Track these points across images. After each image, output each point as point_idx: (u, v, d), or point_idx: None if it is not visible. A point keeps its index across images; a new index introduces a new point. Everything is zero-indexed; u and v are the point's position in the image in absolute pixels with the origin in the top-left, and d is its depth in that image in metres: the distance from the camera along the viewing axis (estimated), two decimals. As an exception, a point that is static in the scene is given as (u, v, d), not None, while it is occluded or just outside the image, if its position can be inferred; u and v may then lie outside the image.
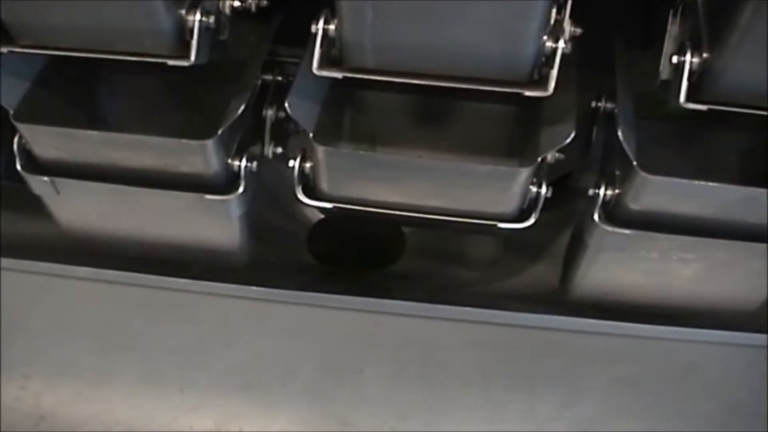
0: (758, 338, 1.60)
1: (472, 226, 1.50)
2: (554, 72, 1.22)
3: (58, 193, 1.56)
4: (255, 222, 1.64)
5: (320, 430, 1.65)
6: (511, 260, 1.89)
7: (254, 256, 1.82)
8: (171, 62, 1.31)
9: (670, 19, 1.32)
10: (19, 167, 1.55)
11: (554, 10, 1.21)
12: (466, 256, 1.91)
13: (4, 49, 1.35)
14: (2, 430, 1.65)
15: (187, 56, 1.30)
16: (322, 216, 1.98)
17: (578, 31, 1.24)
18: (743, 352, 1.62)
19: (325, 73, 1.30)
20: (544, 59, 1.24)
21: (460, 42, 1.21)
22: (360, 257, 1.96)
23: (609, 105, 1.47)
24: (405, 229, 1.98)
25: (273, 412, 1.66)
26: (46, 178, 1.53)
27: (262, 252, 2.01)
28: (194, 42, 1.29)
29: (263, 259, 1.98)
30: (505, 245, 1.91)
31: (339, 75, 1.30)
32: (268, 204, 1.76)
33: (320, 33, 1.26)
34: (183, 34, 1.30)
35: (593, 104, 1.50)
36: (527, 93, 1.25)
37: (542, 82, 1.25)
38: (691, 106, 1.22)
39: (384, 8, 1.18)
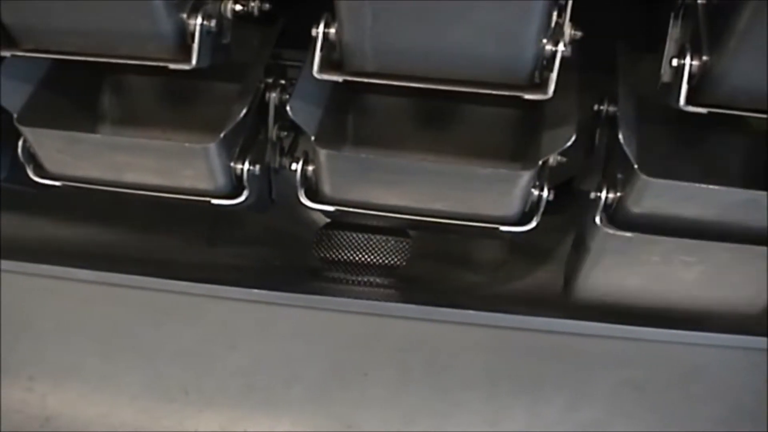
0: (762, 341, 1.59)
1: (474, 229, 1.50)
2: (554, 75, 1.22)
3: None
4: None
5: (324, 432, 1.65)
6: (516, 263, 1.89)
7: (260, 259, 1.83)
8: (172, 66, 1.32)
9: (671, 22, 1.32)
10: (30, 172, 1.56)
11: (554, 13, 1.21)
12: (470, 260, 1.91)
13: (7, 53, 1.36)
14: (8, 431, 1.65)
15: (188, 60, 1.31)
16: (328, 220, 1.99)
17: (578, 34, 1.24)
18: (748, 356, 1.61)
19: (325, 77, 1.30)
20: (544, 62, 1.24)
21: (460, 45, 1.21)
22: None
23: (611, 108, 1.47)
24: (411, 233, 1.98)
25: (277, 414, 1.66)
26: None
27: (268, 255, 2.02)
28: (195, 45, 1.30)
29: (268, 262, 1.99)
30: (510, 249, 1.91)
31: (339, 78, 1.30)
32: (273, 207, 1.76)
33: (321, 37, 1.26)
34: (185, 37, 1.30)
35: (595, 107, 1.49)
36: (527, 96, 1.25)
37: (542, 86, 1.25)
38: (691, 109, 1.22)
39: (384, 12, 1.18)
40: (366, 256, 1.99)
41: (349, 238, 2.00)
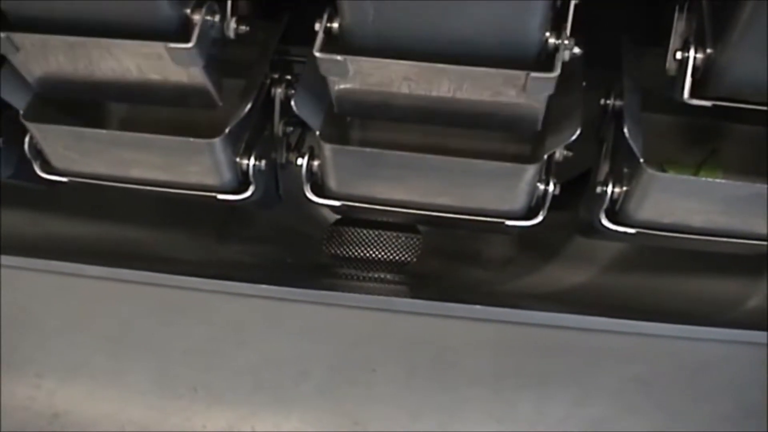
0: (764, 336, 1.59)
1: (479, 224, 1.50)
2: (557, 68, 1.21)
3: None
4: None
5: (332, 430, 1.64)
6: (524, 259, 1.89)
7: (270, 256, 1.83)
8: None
9: (675, 15, 1.31)
10: (36, 168, 1.57)
11: (558, 6, 1.21)
12: (479, 256, 1.91)
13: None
14: (15, 428, 1.66)
15: None
16: (338, 216, 1.99)
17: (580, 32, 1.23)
18: (755, 351, 1.60)
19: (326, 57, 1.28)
20: (547, 55, 1.23)
21: (461, 39, 1.21)
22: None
23: (617, 102, 1.46)
24: (421, 229, 1.98)
25: (285, 411, 1.66)
26: None
27: (278, 252, 2.02)
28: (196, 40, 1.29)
29: (278, 259, 1.99)
30: (519, 245, 1.91)
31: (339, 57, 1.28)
32: (283, 205, 1.76)
33: (323, 31, 1.26)
34: (188, 33, 1.30)
35: (602, 102, 1.49)
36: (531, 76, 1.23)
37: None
38: (695, 101, 1.21)
39: (385, 6, 1.18)
40: (376, 253, 1.99)
41: (359, 235, 2.00)
